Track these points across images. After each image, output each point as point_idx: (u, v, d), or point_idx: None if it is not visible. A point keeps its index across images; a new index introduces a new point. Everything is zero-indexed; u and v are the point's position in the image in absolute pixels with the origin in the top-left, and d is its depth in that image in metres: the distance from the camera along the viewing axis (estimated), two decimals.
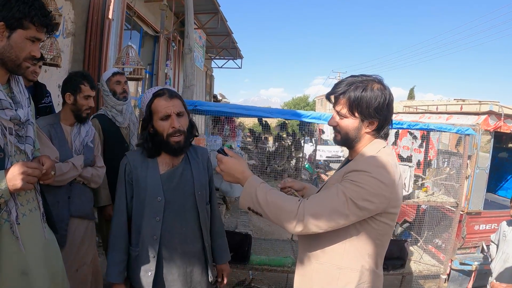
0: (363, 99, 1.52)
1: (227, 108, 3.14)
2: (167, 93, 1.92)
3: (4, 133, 1.50)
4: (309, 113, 3.14)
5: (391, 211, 1.51)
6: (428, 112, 6.81)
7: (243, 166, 1.63)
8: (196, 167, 2.03)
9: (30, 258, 1.58)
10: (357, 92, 1.53)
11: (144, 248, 1.89)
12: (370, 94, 1.52)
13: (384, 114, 1.55)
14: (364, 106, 1.53)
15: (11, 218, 1.51)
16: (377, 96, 1.52)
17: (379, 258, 1.60)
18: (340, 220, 1.44)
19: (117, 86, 3.31)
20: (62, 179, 2.46)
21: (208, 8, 9.46)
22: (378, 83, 1.57)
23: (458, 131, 3.63)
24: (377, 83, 1.56)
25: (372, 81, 1.56)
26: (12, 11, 1.46)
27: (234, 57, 16.67)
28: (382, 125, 1.58)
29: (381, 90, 1.54)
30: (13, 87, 1.62)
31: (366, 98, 1.52)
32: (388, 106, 1.55)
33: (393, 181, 1.47)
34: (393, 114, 1.61)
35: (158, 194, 1.89)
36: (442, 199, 3.81)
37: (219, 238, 2.19)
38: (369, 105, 1.52)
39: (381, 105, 1.53)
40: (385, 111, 1.55)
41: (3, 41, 1.48)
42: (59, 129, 2.59)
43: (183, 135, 1.91)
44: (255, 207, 1.54)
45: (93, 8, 5.63)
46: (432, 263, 4.07)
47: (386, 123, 1.59)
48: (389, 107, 1.56)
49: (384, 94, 1.54)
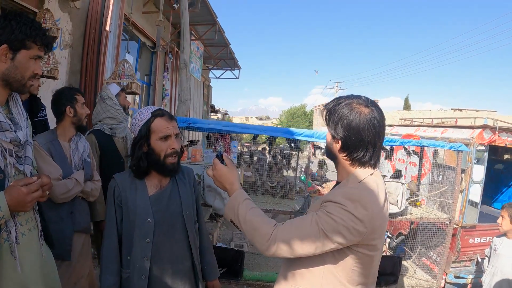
0: (334, 112, 1.51)
1: (220, 126, 3.15)
2: (166, 114, 1.95)
3: (4, 155, 1.53)
4: (301, 131, 3.14)
5: (369, 243, 1.46)
6: (424, 125, 6.84)
7: (234, 177, 1.65)
8: (183, 187, 2.05)
9: (29, 276, 1.61)
10: (333, 104, 1.53)
11: (135, 269, 1.89)
12: (341, 109, 1.48)
13: (354, 137, 1.47)
14: (334, 120, 1.51)
15: (10, 238, 1.53)
16: (342, 113, 1.47)
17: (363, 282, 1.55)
18: (311, 249, 1.43)
19: (126, 102, 3.54)
20: (68, 196, 2.53)
21: (205, 20, 9.53)
22: (366, 106, 1.48)
23: (451, 148, 3.65)
24: (361, 105, 1.48)
25: (357, 100, 1.50)
26: (15, 33, 1.51)
27: (231, 68, 16.72)
28: (347, 147, 1.50)
29: (359, 110, 1.46)
30: (11, 108, 1.65)
31: (337, 112, 1.49)
32: (361, 130, 1.45)
33: (368, 215, 1.41)
34: (365, 139, 1.47)
35: (147, 216, 1.90)
36: (435, 215, 3.82)
37: (208, 255, 2.21)
38: (334, 119, 1.50)
39: (348, 124, 1.46)
40: (355, 134, 1.46)
41: (7, 63, 1.53)
42: (57, 145, 2.61)
43: (177, 156, 1.95)
44: (235, 221, 1.57)
45: (91, 20, 5.68)
46: (425, 278, 4.07)
47: (353, 147, 1.49)
48: (363, 131, 1.46)
49: (359, 116, 1.45)
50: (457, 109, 23.50)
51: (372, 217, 1.43)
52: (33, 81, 1.65)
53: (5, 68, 1.53)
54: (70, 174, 2.59)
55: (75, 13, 5.42)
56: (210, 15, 9.20)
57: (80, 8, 5.49)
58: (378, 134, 1.50)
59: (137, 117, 1.94)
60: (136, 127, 1.93)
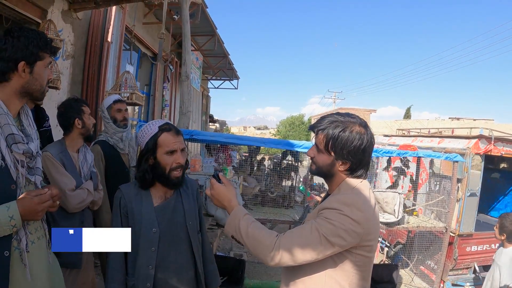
0: (339, 139, 1.57)
1: (222, 138, 3.20)
2: (173, 129, 2.01)
3: (17, 166, 1.59)
4: (301, 143, 3.19)
5: (366, 244, 1.55)
6: (421, 135, 6.91)
7: (231, 195, 1.73)
8: (186, 198, 2.11)
9: (38, 284, 1.66)
10: (335, 131, 1.58)
11: (140, 277, 1.93)
12: (347, 136, 1.56)
13: (359, 158, 1.59)
14: (339, 147, 1.57)
15: (21, 246, 1.58)
16: (354, 139, 1.56)
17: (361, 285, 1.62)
18: (314, 255, 1.51)
19: (118, 114, 3.40)
20: (82, 206, 2.62)
21: (205, 31, 9.61)
22: (360, 125, 1.59)
23: (447, 158, 3.72)
24: (358, 126, 1.59)
25: (354, 123, 1.59)
26: (29, 49, 1.59)
27: (230, 78, 16.76)
28: (356, 168, 1.61)
29: (360, 134, 1.57)
30: (23, 120, 1.72)
31: (343, 139, 1.56)
32: (364, 151, 1.58)
33: (364, 217, 1.51)
34: (369, 158, 1.64)
35: (153, 226, 1.95)
36: (432, 224, 3.88)
37: (210, 264, 2.26)
38: (344, 146, 1.56)
39: (356, 148, 1.56)
40: (360, 155, 1.58)
41: (26, 77, 1.61)
42: (68, 156, 2.67)
43: (182, 169, 2.01)
44: (237, 237, 1.64)
45: (93, 31, 5.75)
46: (422, 286, 4.11)
47: (360, 166, 1.62)
48: (365, 151, 1.59)
49: (362, 138, 1.56)
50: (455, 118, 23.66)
51: (367, 218, 1.53)
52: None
53: (25, 82, 1.61)
54: (80, 184, 2.65)
55: (77, 24, 5.49)
56: (210, 27, 9.27)
57: (82, 19, 5.56)
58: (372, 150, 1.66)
59: (145, 130, 2.00)
60: (143, 140, 1.99)
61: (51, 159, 2.53)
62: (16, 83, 1.60)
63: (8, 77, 1.58)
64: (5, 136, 1.55)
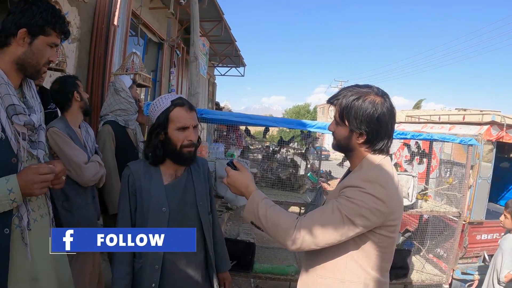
0: (352, 108, 1.50)
1: (233, 117, 3.14)
2: (187, 104, 1.91)
3: (18, 139, 1.52)
4: (314, 123, 3.13)
5: (389, 224, 1.48)
6: (431, 122, 6.82)
7: (248, 180, 1.67)
8: (197, 177, 2.03)
9: (40, 264, 1.59)
10: (348, 100, 1.51)
11: (148, 259, 1.87)
12: (359, 104, 1.49)
13: (374, 128, 1.50)
14: (352, 116, 1.50)
15: (22, 224, 1.51)
16: (366, 108, 1.48)
17: (383, 267, 1.57)
18: (337, 237, 1.44)
19: (136, 94, 3.53)
20: (96, 178, 2.63)
21: (212, 16, 9.53)
22: (375, 95, 1.51)
23: (461, 142, 3.64)
24: (373, 95, 1.51)
25: (368, 93, 1.52)
26: (35, 18, 1.51)
27: (237, 65, 16.70)
28: (373, 140, 1.53)
29: (373, 103, 1.49)
30: (25, 91, 1.64)
31: (355, 107, 1.49)
32: (379, 120, 1.49)
33: (388, 195, 1.44)
34: (388, 129, 1.54)
35: (163, 205, 1.87)
36: (445, 209, 3.81)
37: (219, 247, 2.20)
38: (357, 115, 1.49)
39: (369, 117, 1.48)
40: (375, 125, 1.49)
41: (24, 47, 1.52)
42: (73, 132, 2.64)
43: (194, 147, 1.92)
44: (256, 222, 1.58)
45: (99, 15, 5.69)
46: (434, 272, 4.06)
47: (378, 138, 1.52)
48: (380, 121, 1.49)
49: (376, 107, 1.48)
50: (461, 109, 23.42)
51: (391, 196, 1.46)
52: (46, 67, 1.66)
53: (21, 52, 1.53)
54: (89, 158, 2.63)
55: (83, 7, 5.43)
56: (217, 12, 9.19)
57: (88, 2, 5.49)
58: (394, 122, 1.56)
59: (157, 103, 1.90)
60: (155, 114, 1.89)
61: (59, 134, 2.48)
62: (14, 51, 1.52)
63: (8, 42, 1.51)
64: (5, 106, 1.48)
